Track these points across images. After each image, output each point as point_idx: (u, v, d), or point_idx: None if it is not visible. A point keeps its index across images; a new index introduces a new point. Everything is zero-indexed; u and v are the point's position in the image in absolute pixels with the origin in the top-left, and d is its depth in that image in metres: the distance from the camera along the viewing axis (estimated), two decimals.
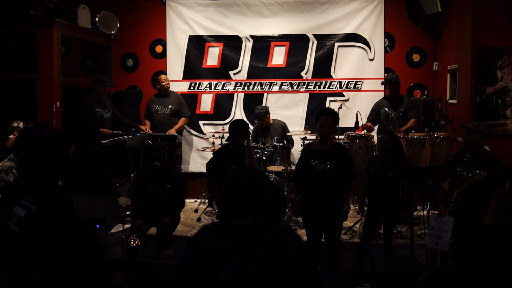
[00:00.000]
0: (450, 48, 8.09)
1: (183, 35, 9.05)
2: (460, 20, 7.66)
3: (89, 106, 7.60)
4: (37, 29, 7.30)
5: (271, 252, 2.25)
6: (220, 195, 2.45)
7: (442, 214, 5.40)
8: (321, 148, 5.62)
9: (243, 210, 2.35)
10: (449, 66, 8.01)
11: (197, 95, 9.12)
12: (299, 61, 8.96)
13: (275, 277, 2.22)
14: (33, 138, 2.59)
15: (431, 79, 8.88)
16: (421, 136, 7.08)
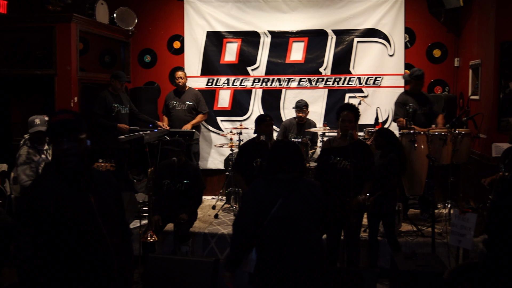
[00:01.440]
0: (472, 43, 7.94)
1: (201, 30, 9.01)
2: (482, 14, 7.50)
3: (107, 101, 7.59)
4: (55, 24, 7.30)
5: (304, 195, 3.67)
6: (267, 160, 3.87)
7: (465, 212, 5.28)
8: (342, 144, 5.53)
9: (285, 168, 3.72)
10: (471, 62, 7.86)
11: (215, 91, 9.08)
12: (317, 56, 8.87)
13: (308, 210, 3.66)
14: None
15: (452, 75, 8.72)
16: (442, 133, 6.94)
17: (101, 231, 2.67)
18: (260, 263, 3.64)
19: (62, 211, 2.58)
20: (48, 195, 2.59)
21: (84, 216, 2.64)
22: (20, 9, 7.77)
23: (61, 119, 2.63)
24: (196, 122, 8.45)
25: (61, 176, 2.65)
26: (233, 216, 7.61)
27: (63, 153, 2.59)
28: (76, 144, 2.61)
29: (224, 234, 6.81)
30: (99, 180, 2.81)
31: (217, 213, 7.68)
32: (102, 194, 2.78)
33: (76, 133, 2.62)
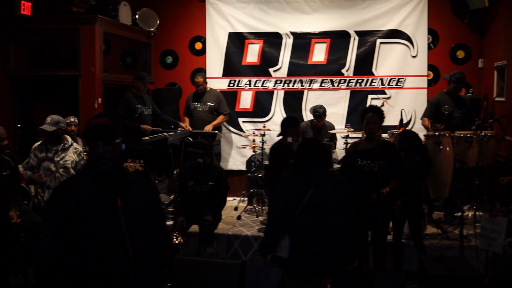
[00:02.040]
0: (498, 44, 7.86)
1: (222, 32, 9.00)
2: (509, 15, 7.43)
3: (130, 103, 7.60)
4: (79, 25, 7.33)
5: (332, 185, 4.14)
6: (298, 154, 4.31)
7: (495, 215, 5.21)
8: (368, 147, 5.49)
9: (315, 160, 4.14)
10: (496, 63, 7.78)
11: (236, 92, 9.07)
12: (340, 58, 8.82)
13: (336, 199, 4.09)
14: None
15: (476, 76, 8.64)
16: (468, 135, 6.88)
17: (123, 235, 2.69)
18: (293, 249, 4.02)
19: (85, 210, 2.64)
20: (74, 194, 2.67)
21: (107, 217, 2.68)
22: (44, 11, 7.79)
23: (98, 122, 2.69)
24: (217, 123, 8.44)
25: (94, 177, 2.72)
26: (255, 217, 7.61)
27: (97, 156, 2.65)
28: (111, 148, 2.67)
29: (248, 236, 6.80)
30: (133, 185, 2.84)
31: (239, 215, 7.68)
32: (133, 199, 2.80)
33: (111, 137, 2.68)
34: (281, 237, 4.08)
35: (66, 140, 5.93)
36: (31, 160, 5.81)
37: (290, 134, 6.00)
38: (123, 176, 2.79)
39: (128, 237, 2.70)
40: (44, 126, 5.73)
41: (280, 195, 4.18)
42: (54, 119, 5.77)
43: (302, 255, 3.99)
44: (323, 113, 7.94)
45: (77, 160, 5.92)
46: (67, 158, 5.84)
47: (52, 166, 5.76)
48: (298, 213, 4.01)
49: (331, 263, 4.01)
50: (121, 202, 2.71)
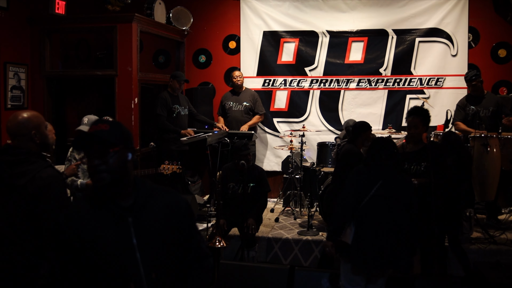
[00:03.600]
0: None
1: (257, 30, 8.87)
2: None
3: (167, 103, 7.49)
4: (116, 24, 7.22)
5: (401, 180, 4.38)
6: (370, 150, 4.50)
7: None
8: (415, 149, 5.34)
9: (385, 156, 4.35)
10: None
11: (271, 92, 8.93)
12: (377, 57, 8.65)
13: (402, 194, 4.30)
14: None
15: None
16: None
17: (136, 264, 2.26)
18: (357, 236, 4.27)
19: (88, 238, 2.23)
20: (78, 215, 2.29)
21: (115, 243, 2.24)
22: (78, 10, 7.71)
23: (93, 130, 2.26)
24: (253, 124, 8.32)
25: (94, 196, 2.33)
26: (293, 220, 7.46)
27: (93, 170, 2.24)
28: (106, 159, 2.23)
29: (288, 239, 6.66)
30: (152, 199, 2.37)
31: (277, 217, 7.54)
32: (151, 217, 2.33)
33: (105, 146, 2.24)
34: (347, 224, 4.35)
35: None
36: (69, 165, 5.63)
37: (362, 140, 5.86)
38: (136, 190, 2.34)
39: (142, 265, 2.25)
40: (82, 127, 5.55)
41: (350, 185, 4.42)
42: (91, 119, 5.60)
43: (365, 243, 4.22)
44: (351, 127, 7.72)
45: None
46: None
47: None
48: (365, 203, 4.26)
49: (394, 255, 4.21)
50: (133, 223, 2.27)
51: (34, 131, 3.30)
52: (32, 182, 3.14)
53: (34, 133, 3.30)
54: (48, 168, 3.24)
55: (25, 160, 3.21)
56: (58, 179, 3.26)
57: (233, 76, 8.35)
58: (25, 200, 3.12)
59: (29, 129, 3.28)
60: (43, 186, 3.13)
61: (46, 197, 3.13)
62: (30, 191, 3.12)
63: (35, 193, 3.11)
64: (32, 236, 3.13)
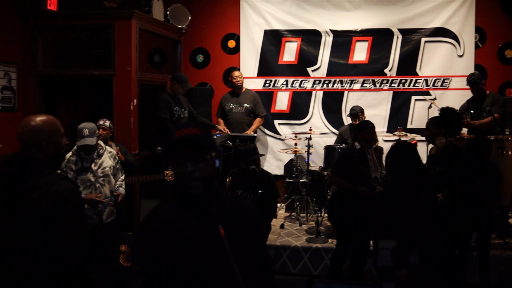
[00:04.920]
0: None
1: (258, 29, 8.56)
2: None
3: (169, 105, 7.14)
4: (114, 21, 6.83)
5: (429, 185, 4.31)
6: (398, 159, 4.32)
7: None
8: (436, 152, 5.21)
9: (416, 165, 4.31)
10: None
11: (272, 93, 8.63)
12: (382, 57, 8.41)
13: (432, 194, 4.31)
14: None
15: None
16: None
17: (234, 272, 2.15)
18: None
19: (185, 248, 2.09)
20: (167, 228, 2.11)
21: (212, 253, 2.12)
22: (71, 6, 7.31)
23: (185, 134, 2.12)
24: (256, 127, 8.01)
25: (183, 203, 2.18)
26: (299, 226, 7.17)
27: (186, 177, 2.10)
28: (202, 166, 2.12)
29: (297, 247, 6.35)
30: (231, 207, 2.29)
31: (283, 223, 7.23)
32: (236, 225, 2.25)
33: (202, 152, 2.13)
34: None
35: (100, 145, 5.35)
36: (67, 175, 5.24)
37: (358, 139, 5.57)
38: (219, 198, 2.25)
39: (240, 273, 2.15)
40: (85, 140, 5.07)
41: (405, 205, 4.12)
42: (90, 128, 5.13)
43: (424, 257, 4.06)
44: (360, 111, 7.47)
45: (114, 164, 5.42)
46: (105, 164, 5.30)
47: (91, 177, 5.15)
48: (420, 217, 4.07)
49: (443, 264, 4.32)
50: (224, 231, 2.17)
51: (46, 142, 2.88)
52: (47, 196, 2.72)
53: (45, 144, 2.87)
54: (64, 181, 2.84)
55: (37, 171, 2.82)
56: (76, 193, 2.87)
57: (233, 76, 8.03)
58: (39, 217, 2.70)
59: (40, 139, 2.86)
60: (59, 202, 2.72)
61: (64, 214, 2.72)
62: (45, 207, 2.70)
63: (50, 210, 2.70)
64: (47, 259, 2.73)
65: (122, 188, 5.52)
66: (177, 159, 2.13)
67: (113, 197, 5.35)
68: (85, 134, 5.09)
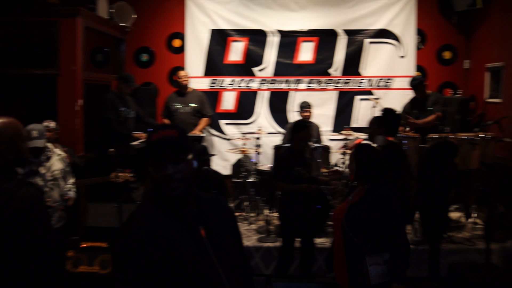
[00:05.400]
0: (490, 46, 7.80)
1: (204, 28, 8.49)
2: (503, 17, 7.36)
3: (115, 105, 6.97)
4: (59, 18, 6.61)
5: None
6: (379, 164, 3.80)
7: None
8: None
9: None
10: (489, 64, 7.72)
11: (218, 93, 8.60)
12: (327, 57, 8.53)
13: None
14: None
15: (462, 77, 8.58)
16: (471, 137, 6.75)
17: (217, 273, 2.14)
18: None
19: (168, 251, 2.05)
20: (148, 232, 2.05)
21: (195, 255, 2.10)
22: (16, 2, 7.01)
23: (163, 136, 2.08)
24: (203, 127, 7.94)
25: (164, 206, 2.13)
26: (248, 225, 7.14)
27: (167, 179, 2.06)
28: (182, 167, 2.09)
29: (248, 247, 6.32)
30: (209, 207, 2.26)
31: None
32: (215, 225, 2.23)
33: (182, 153, 2.10)
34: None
35: (48, 148, 5.13)
36: None
37: (300, 140, 5.59)
38: (198, 199, 2.23)
39: (223, 273, 2.15)
40: (34, 142, 4.78)
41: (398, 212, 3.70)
42: (39, 130, 4.87)
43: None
44: (308, 105, 7.58)
45: (63, 167, 5.24)
46: (54, 167, 5.10)
47: (39, 181, 4.89)
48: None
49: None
50: (205, 232, 2.15)
51: (6, 145, 2.72)
52: (9, 203, 2.55)
53: (6, 148, 2.71)
54: (28, 187, 2.67)
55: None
56: (40, 199, 2.73)
57: (179, 76, 7.90)
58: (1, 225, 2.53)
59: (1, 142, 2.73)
60: (23, 209, 2.56)
61: (29, 221, 2.57)
62: (8, 214, 2.53)
63: (14, 217, 2.53)
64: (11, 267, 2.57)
65: (72, 191, 5.34)
66: (156, 161, 2.08)
67: (63, 202, 5.17)
68: (34, 136, 4.84)
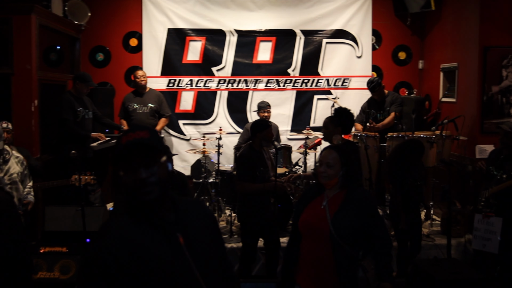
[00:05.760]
0: (444, 47, 8.00)
1: (161, 27, 8.37)
2: (460, 19, 7.56)
3: (73, 105, 6.78)
4: (12, 16, 6.38)
5: None
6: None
7: (489, 216, 5.22)
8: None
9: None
10: (443, 65, 7.92)
11: (176, 93, 8.48)
12: (286, 57, 8.56)
13: None
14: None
15: (417, 78, 8.77)
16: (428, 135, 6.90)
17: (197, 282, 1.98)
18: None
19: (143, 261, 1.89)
20: (122, 242, 1.91)
21: (173, 263, 1.95)
22: None
23: (133, 138, 1.93)
24: (161, 128, 7.82)
25: (137, 213, 1.98)
26: None
27: (140, 184, 1.91)
28: (156, 170, 1.93)
29: None
30: (188, 212, 2.10)
31: None
32: (194, 231, 2.07)
33: (154, 156, 1.96)
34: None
35: (6, 150, 4.93)
36: None
37: (261, 140, 5.55)
38: (174, 204, 2.06)
39: (203, 282, 1.99)
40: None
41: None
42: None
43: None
44: (268, 104, 7.57)
45: (21, 170, 5.07)
46: (12, 171, 4.92)
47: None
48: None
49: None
50: (183, 239, 1.98)
51: None
52: None
53: None
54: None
55: None
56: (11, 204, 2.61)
57: (136, 76, 7.74)
58: None
59: None
60: None
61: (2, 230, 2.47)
62: None
63: None
64: None
65: (31, 195, 5.18)
66: (127, 165, 1.93)
67: (22, 206, 4.99)
68: None
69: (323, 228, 3.28)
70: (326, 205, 3.37)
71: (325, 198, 3.42)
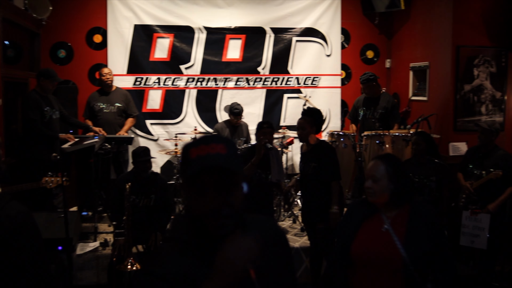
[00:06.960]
0: (412, 46, 8.08)
1: (127, 23, 8.04)
2: (426, 18, 7.64)
3: (39, 105, 6.41)
4: None
5: None
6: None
7: (476, 212, 5.29)
8: (307, 150, 5.34)
9: None
10: (412, 64, 8.00)
11: (143, 92, 8.19)
12: (255, 55, 8.43)
13: None
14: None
15: (385, 76, 8.82)
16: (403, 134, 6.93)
17: None
18: None
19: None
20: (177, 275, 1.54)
21: None
22: None
23: (208, 154, 1.54)
24: (129, 127, 7.53)
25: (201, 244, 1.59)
26: None
27: (211, 213, 1.54)
28: (233, 200, 1.56)
29: None
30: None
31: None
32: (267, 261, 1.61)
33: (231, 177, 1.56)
34: None
35: None
36: None
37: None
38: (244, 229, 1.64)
39: None
40: None
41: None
42: None
43: None
44: (242, 110, 7.45)
45: None
46: None
47: None
48: None
49: None
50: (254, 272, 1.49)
51: None
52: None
53: None
54: (13, 202, 2.28)
55: None
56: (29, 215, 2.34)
57: (102, 73, 7.41)
58: None
59: None
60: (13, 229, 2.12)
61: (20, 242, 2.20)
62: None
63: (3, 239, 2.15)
64: None
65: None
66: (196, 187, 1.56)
67: None
68: None
69: (392, 257, 2.73)
70: (390, 228, 2.82)
71: (384, 219, 2.86)
